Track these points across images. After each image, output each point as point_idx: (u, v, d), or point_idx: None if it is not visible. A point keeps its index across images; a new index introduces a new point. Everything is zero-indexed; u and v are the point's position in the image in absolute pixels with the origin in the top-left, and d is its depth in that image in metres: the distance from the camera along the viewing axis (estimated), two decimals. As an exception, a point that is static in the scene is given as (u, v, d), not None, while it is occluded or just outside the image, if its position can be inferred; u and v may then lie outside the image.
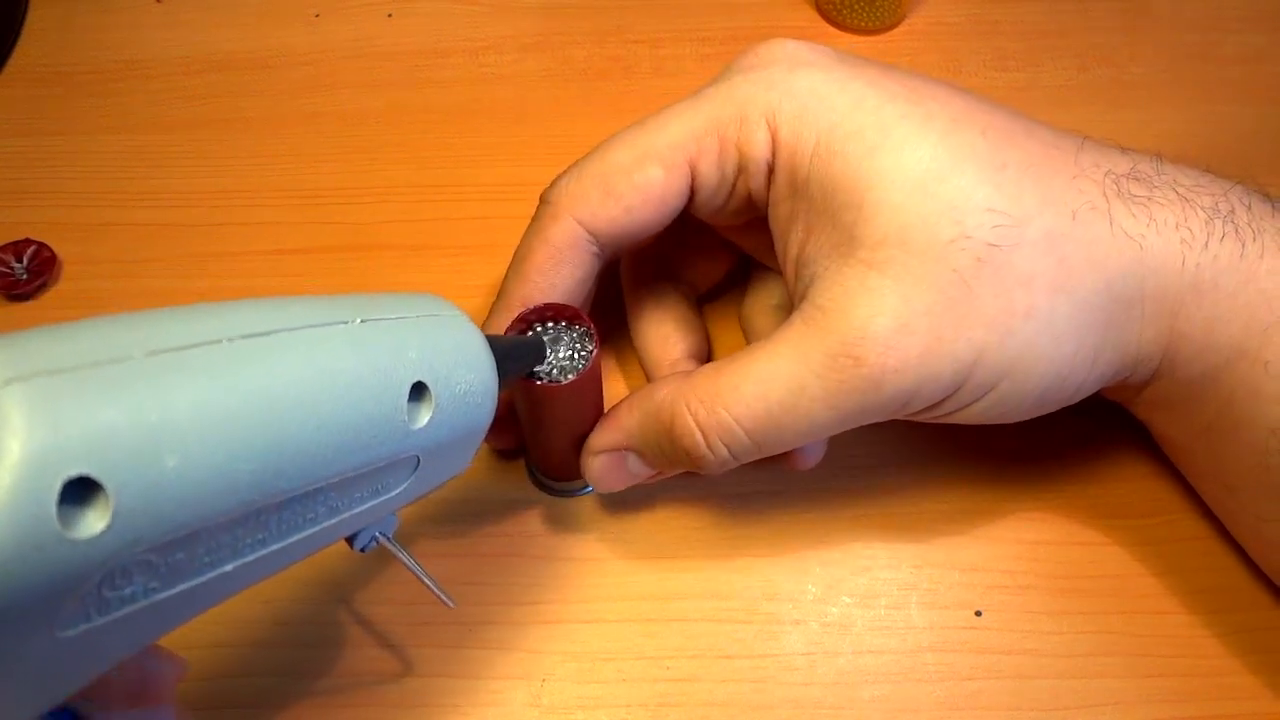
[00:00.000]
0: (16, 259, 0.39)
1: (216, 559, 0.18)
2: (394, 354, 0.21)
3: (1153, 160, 0.28)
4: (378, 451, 0.21)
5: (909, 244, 0.25)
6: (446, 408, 0.23)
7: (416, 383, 0.22)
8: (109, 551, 0.15)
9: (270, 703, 0.30)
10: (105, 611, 0.16)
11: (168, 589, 0.17)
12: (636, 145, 0.29)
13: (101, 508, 0.15)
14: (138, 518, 0.16)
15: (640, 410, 0.29)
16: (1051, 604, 0.32)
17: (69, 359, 0.15)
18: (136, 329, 0.17)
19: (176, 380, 0.16)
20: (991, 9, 0.50)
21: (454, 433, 0.23)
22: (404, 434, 0.21)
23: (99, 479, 0.15)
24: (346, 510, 0.22)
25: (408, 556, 0.26)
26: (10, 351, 0.15)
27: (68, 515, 0.15)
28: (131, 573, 0.16)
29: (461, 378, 0.23)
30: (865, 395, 0.26)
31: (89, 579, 0.16)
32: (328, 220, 0.42)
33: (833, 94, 0.27)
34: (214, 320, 0.18)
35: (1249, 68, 0.47)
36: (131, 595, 0.17)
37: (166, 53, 0.48)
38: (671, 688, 0.30)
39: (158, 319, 0.17)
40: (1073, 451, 0.35)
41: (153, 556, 0.17)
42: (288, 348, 0.19)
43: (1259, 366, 0.27)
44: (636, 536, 0.33)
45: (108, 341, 0.16)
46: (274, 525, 0.19)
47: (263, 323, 0.19)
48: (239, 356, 0.18)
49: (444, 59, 0.48)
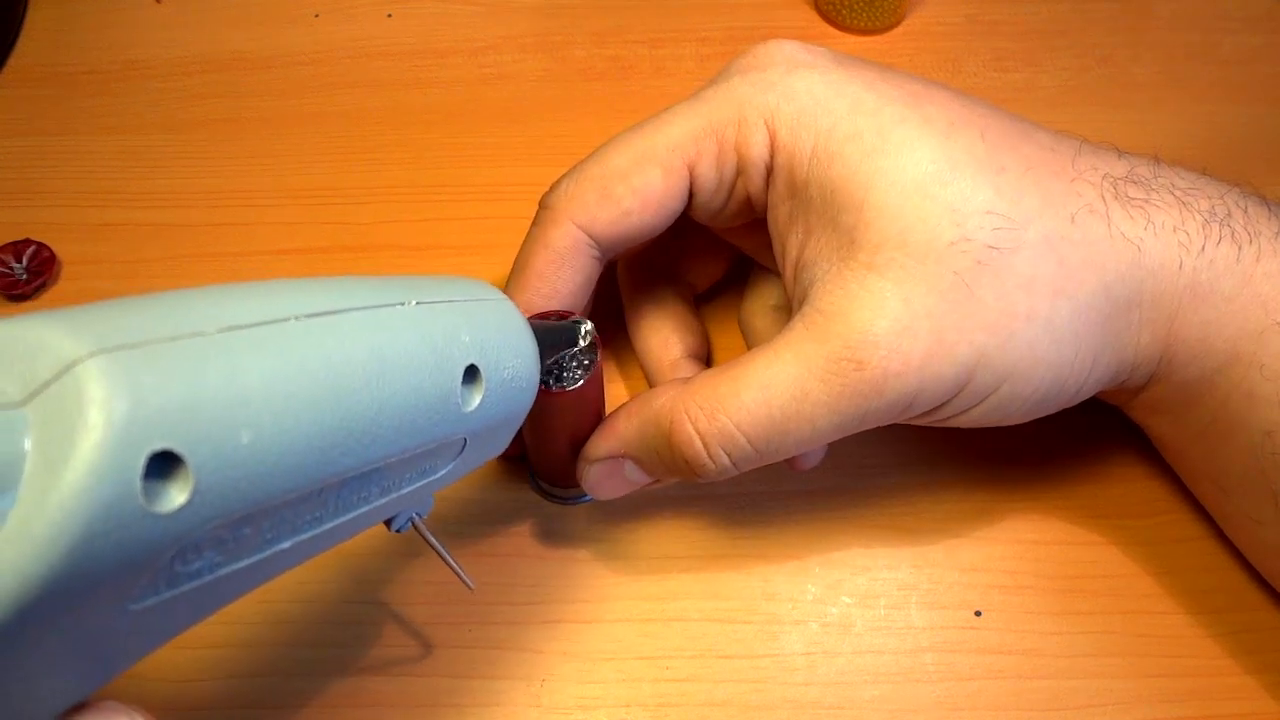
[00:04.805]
0: (16, 259, 0.39)
1: (277, 535, 0.19)
2: (449, 337, 0.22)
3: (1150, 163, 0.28)
4: (433, 433, 0.21)
5: (909, 246, 0.25)
6: (495, 391, 0.23)
7: (469, 366, 0.22)
8: (187, 526, 0.15)
9: (269, 703, 0.30)
10: (174, 585, 0.17)
11: (231, 564, 0.18)
12: (635, 148, 0.29)
13: (182, 482, 0.15)
14: (215, 492, 0.16)
15: (639, 418, 0.29)
16: (1051, 604, 0.32)
17: (146, 332, 0.15)
18: (208, 303, 0.17)
19: (249, 357, 0.17)
20: (990, 9, 0.50)
21: (499, 416, 0.24)
22: (457, 416, 0.22)
23: (181, 453, 0.15)
24: (396, 490, 0.22)
25: (435, 539, 0.27)
26: (90, 323, 0.15)
27: (150, 490, 0.15)
28: (203, 547, 0.17)
29: (509, 362, 0.23)
30: (867, 399, 0.26)
31: (166, 553, 0.16)
32: (328, 220, 0.42)
33: (831, 96, 0.27)
34: (279, 298, 0.18)
35: (1247, 69, 0.47)
36: (199, 570, 0.17)
37: (166, 53, 0.48)
38: (671, 688, 0.30)
39: (227, 294, 0.18)
40: (1072, 452, 0.35)
41: (224, 532, 0.17)
42: (353, 327, 0.19)
43: (1254, 370, 0.27)
44: (636, 537, 0.33)
45: (181, 316, 0.16)
46: (332, 503, 0.20)
47: (326, 302, 0.19)
48: (307, 335, 0.18)
49: (444, 59, 0.48)
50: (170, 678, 0.30)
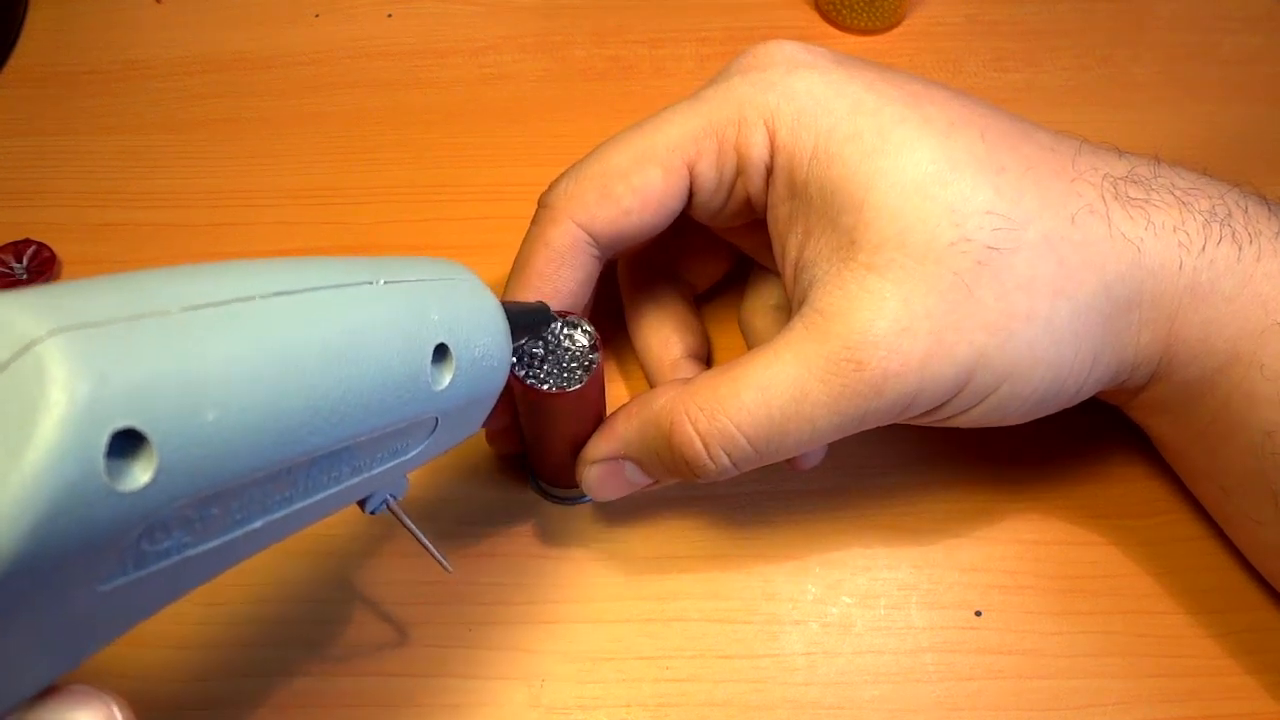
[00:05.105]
0: (16, 259, 0.39)
1: (246, 515, 0.18)
2: (418, 316, 0.22)
3: (1150, 162, 0.28)
4: (402, 412, 0.21)
5: (909, 247, 0.25)
6: (466, 370, 0.23)
7: (439, 345, 0.22)
8: (152, 505, 0.15)
9: (268, 703, 0.30)
10: (142, 565, 0.16)
11: (201, 544, 0.18)
12: (634, 147, 0.29)
13: (146, 460, 0.15)
14: (180, 471, 0.16)
15: (638, 419, 0.29)
16: (1051, 604, 0.32)
17: (108, 312, 0.15)
18: (170, 284, 0.17)
19: (213, 335, 0.16)
20: (990, 9, 0.50)
21: (471, 395, 0.24)
22: (427, 395, 0.22)
23: (144, 431, 0.15)
24: (367, 470, 0.22)
25: (410, 521, 0.27)
26: (50, 303, 0.15)
27: (114, 468, 0.15)
28: (170, 527, 0.16)
29: (479, 341, 0.23)
30: (867, 399, 0.26)
31: (132, 532, 0.16)
32: (328, 220, 0.42)
33: (831, 97, 0.27)
34: (244, 277, 0.18)
35: (1247, 69, 0.47)
36: (167, 550, 0.17)
37: (166, 53, 0.48)
38: (671, 688, 0.30)
39: (190, 274, 0.17)
40: (1072, 452, 0.35)
41: (190, 511, 0.17)
42: (319, 306, 0.19)
43: (1255, 370, 0.27)
44: (636, 536, 0.33)
45: (144, 296, 0.16)
46: (301, 483, 0.20)
47: (291, 281, 0.19)
48: (271, 313, 0.18)
49: (444, 59, 0.48)
50: (169, 678, 0.30)
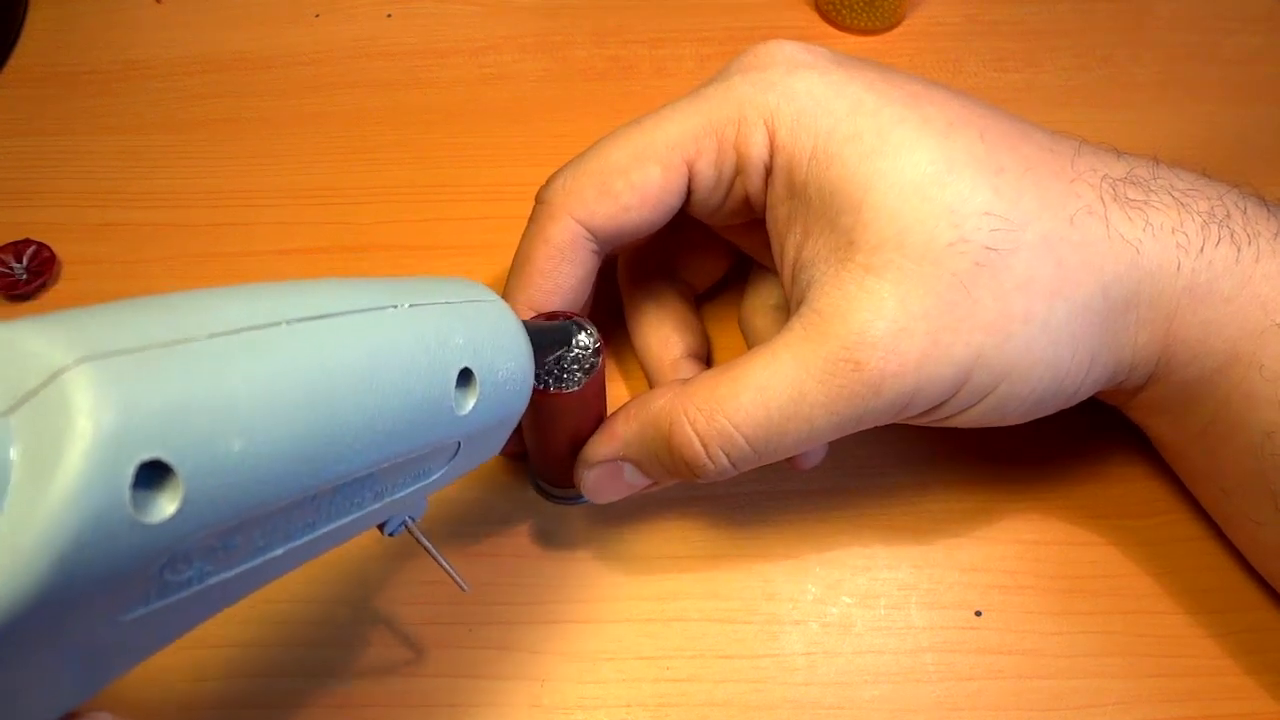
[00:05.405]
0: (16, 259, 0.39)
1: (269, 543, 0.18)
2: (442, 340, 0.21)
3: (1149, 163, 0.28)
4: (427, 437, 0.21)
5: (907, 247, 0.25)
6: (489, 394, 0.22)
7: (463, 369, 0.22)
8: (177, 536, 0.15)
9: (269, 703, 0.30)
10: (164, 595, 0.16)
11: (223, 572, 0.17)
12: (634, 144, 0.29)
13: (172, 491, 0.15)
14: (206, 502, 0.15)
15: (637, 420, 0.28)
16: (1051, 604, 0.32)
17: (135, 339, 0.15)
18: (197, 308, 0.17)
19: (240, 363, 0.16)
20: (990, 9, 0.50)
21: (494, 419, 0.23)
22: (451, 420, 0.21)
23: (170, 462, 0.15)
24: (389, 495, 0.22)
25: (429, 542, 0.27)
26: (76, 329, 0.14)
27: (139, 499, 0.14)
28: (193, 557, 0.16)
29: (503, 364, 0.23)
30: (865, 400, 0.26)
31: (155, 563, 0.15)
32: (328, 220, 0.42)
33: (830, 97, 0.27)
34: (270, 302, 0.18)
35: (1247, 69, 0.47)
36: (189, 579, 0.17)
37: (166, 53, 0.48)
38: (671, 688, 0.30)
39: (215, 299, 0.17)
40: (1072, 452, 0.35)
41: (213, 540, 0.17)
42: (344, 332, 0.19)
43: (1254, 370, 0.27)
44: (636, 537, 0.33)
45: (171, 322, 0.16)
46: (324, 509, 0.19)
47: (317, 306, 0.19)
48: (297, 340, 0.18)
49: (444, 59, 0.48)
50: (167, 678, 0.30)
